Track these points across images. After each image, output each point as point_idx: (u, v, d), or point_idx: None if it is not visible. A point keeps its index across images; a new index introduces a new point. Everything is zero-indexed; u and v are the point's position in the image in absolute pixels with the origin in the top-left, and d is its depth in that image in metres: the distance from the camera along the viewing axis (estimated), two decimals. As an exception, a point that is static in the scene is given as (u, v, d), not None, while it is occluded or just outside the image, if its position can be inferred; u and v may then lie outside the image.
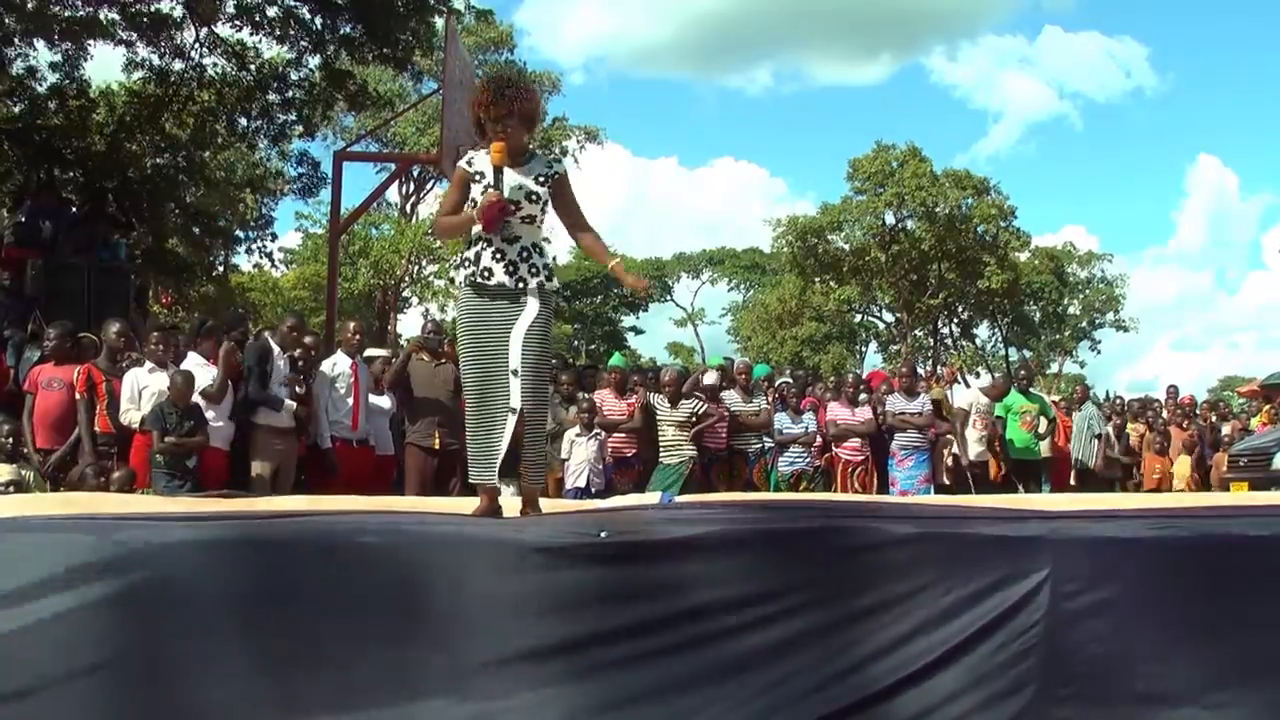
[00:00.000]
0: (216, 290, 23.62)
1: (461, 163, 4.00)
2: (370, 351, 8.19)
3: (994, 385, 10.75)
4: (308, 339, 8.05)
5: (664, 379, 8.83)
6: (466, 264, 3.91)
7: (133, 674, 2.88)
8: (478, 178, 3.90)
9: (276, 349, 7.25)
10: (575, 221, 4.02)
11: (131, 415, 6.78)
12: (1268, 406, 12.97)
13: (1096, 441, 10.98)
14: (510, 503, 4.07)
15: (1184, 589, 3.13)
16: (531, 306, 3.82)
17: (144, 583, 2.94)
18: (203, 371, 6.90)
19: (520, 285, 3.84)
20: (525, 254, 3.87)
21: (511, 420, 3.75)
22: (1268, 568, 3.16)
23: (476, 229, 3.89)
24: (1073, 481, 10.82)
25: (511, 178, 3.86)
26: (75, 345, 7.49)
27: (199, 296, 22.66)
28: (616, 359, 9.97)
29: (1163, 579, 3.13)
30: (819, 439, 9.23)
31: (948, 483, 9.50)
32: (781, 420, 9.08)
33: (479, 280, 3.85)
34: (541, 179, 3.91)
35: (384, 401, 7.91)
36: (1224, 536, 3.26)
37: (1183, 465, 11.35)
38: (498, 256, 3.85)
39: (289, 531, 3.30)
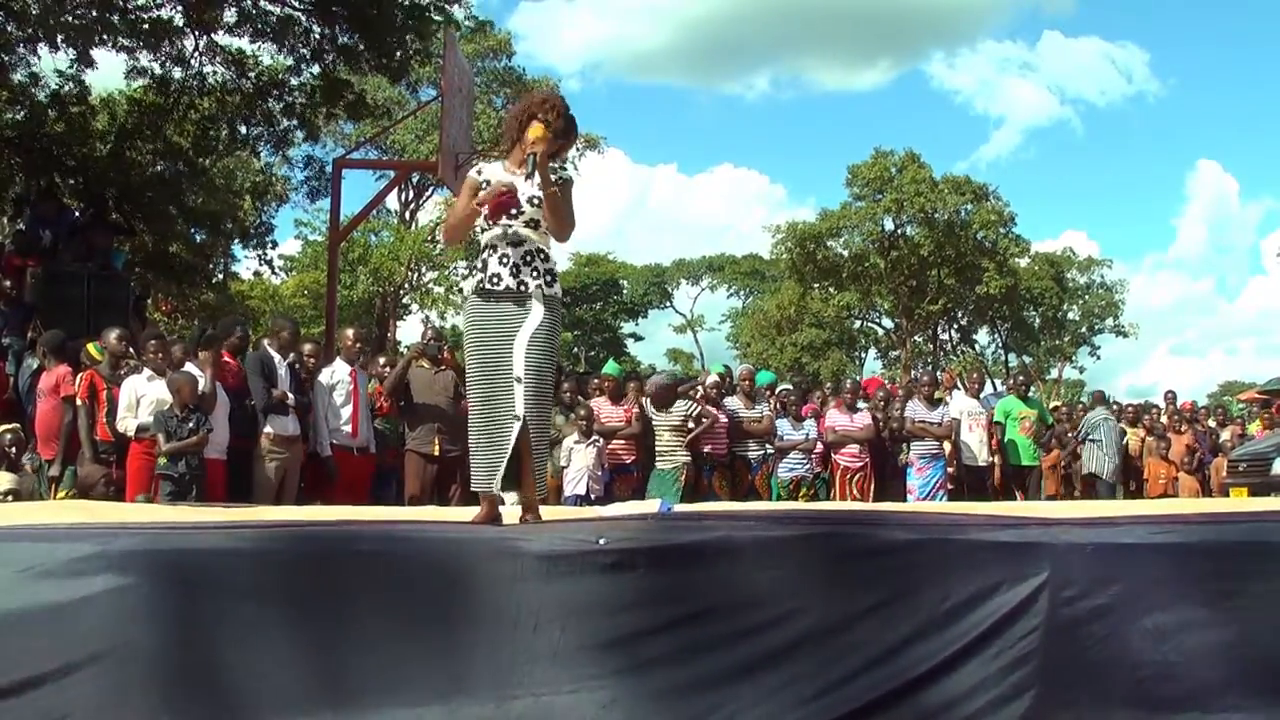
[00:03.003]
0: (216, 298, 23.62)
1: (471, 172, 4.07)
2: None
3: (964, 378, 10.73)
4: (308, 347, 8.06)
5: (647, 389, 8.85)
6: (474, 271, 3.98)
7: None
8: (485, 186, 3.95)
9: (277, 357, 7.26)
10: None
11: (128, 423, 6.77)
12: (1264, 412, 12.97)
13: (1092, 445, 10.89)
14: (511, 512, 4.07)
15: (1183, 594, 3.13)
16: (536, 312, 3.85)
17: (145, 591, 2.95)
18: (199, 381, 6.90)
19: (523, 288, 3.87)
20: (529, 258, 3.91)
21: (516, 428, 3.77)
22: (1265, 572, 3.17)
23: (484, 236, 3.93)
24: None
25: (518, 184, 3.89)
26: (61, 352, 7.53)
27: (199, 304, 22.65)
28: (611, 367, 9.99)
29: (1161, 584, 3.13)
30: (819, 446, 9.22)
31: (950, 488, 9.50)
32: (781, 427, 9.09)
33: (486, 287, 3.89)
34: (558, 182, 3.93)
35: None
36: (1222, 541, 3.27)
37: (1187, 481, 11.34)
38: (503, 260, 3.89)
39: (291, 540, 3.31)
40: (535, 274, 3.88)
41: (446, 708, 2.88)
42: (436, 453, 7.69)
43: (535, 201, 3.90)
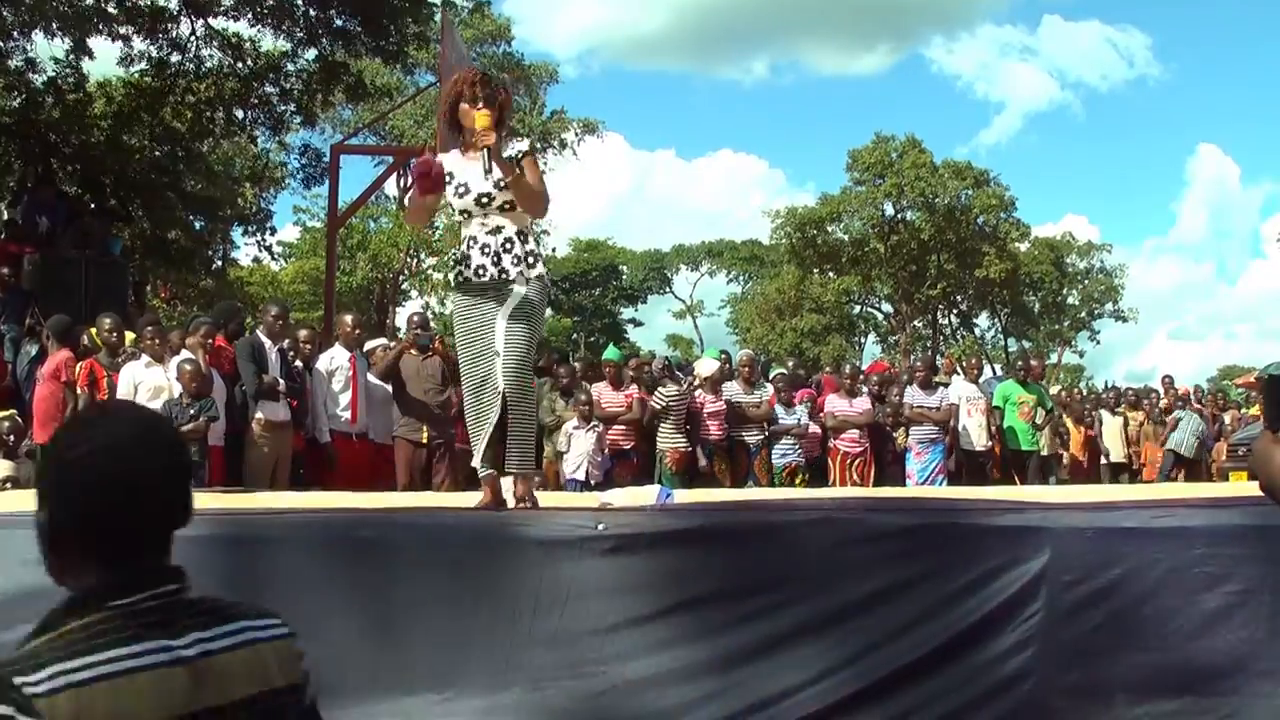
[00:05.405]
0: (215, 284, 23.59)
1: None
2: (369, 344, 8.17)
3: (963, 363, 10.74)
4: (303, 333, 8.03)
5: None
6: (456, 265, 3.96)
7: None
8: (449, 178, 3.91)
9: (267, 342, 7.22)
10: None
11: (126, 410, 6.75)
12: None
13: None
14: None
15: (1183, 578, 3.13)
16: (516, 293, 3.84)
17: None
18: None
19: (504, 276, 3.86)
20: (508, 244, 3.88)
21: (497, 403, 3.78)
22: (1265, 556, 3.16)
23: (464, 230, 3.95)
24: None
25: (483, 167, 3.84)
26: (65, 337, 7.53)
27: (198, 291, 22.63)
28: (612, 352, 9.96)
29: (1162, 568, 3.13)
30: (811, 431, 9.19)
31: (951, 470, 9.50)
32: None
33: (468, 278, 3.89)
34: (512, 163, 3.87)
35: (388, 388, 7.92)
36: (1222, 525, 3.26)
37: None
38: (484, 250, 3.88)
39: (288, 526, 3.30)
40: (515, 260, 3.86)
41: (440, 696, 2.88)
42: (425, 440, 7.69)
43: (502, 184, 3.85)
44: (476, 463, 3.89)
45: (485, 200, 3.87)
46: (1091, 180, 69.08)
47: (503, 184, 3.84)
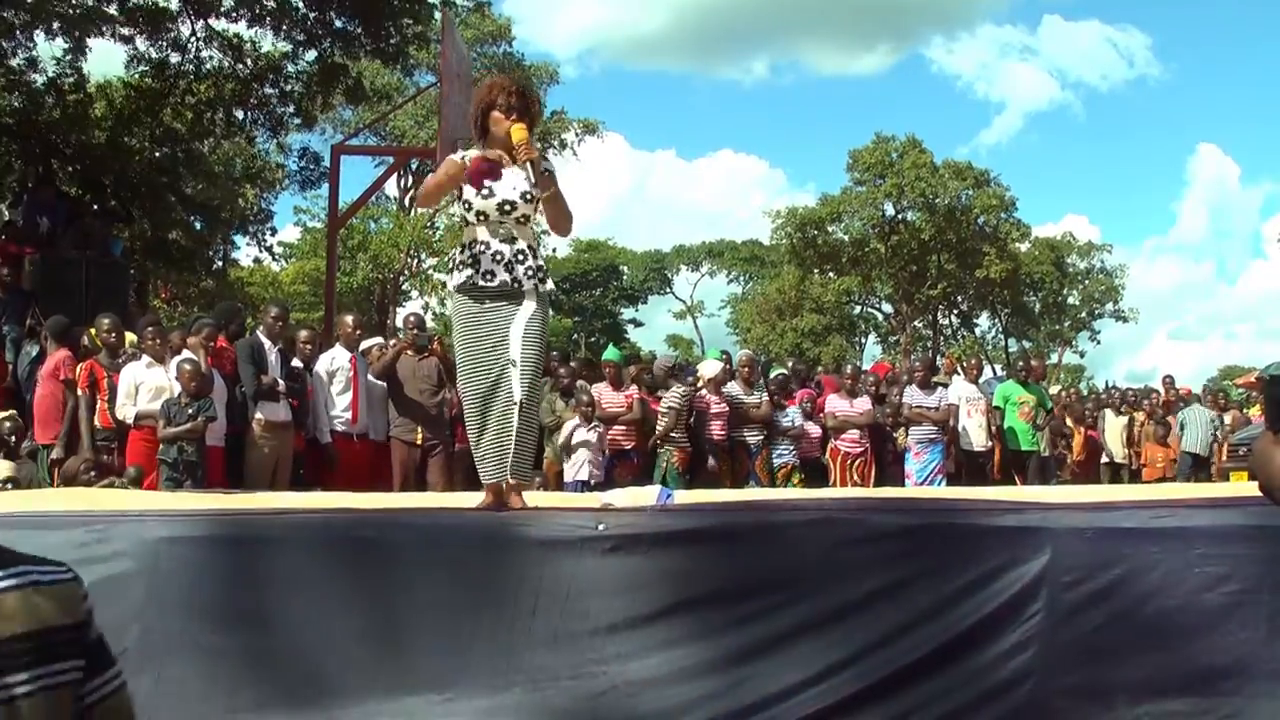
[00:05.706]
0: (216, 285, 23.61)
1: (454, 155, 4.00)
2: (364, 343, 8.17)
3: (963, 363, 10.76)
4: (303, 334, 8.02)
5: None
6: (462, 267, 3.90)
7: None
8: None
9: (267, 342, 7.22)
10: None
11: (127, 410, 6.76)
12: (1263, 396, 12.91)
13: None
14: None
15: (1183, 578, 3.13)
16: (529, 304, 3.84)
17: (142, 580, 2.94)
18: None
19: (517, 286, 3.85)
20: (521, 256, 3.87)
21: (515, 413, 3.76)
22: (1265, 556, 3.16)
23: (474, 232, 3.90)
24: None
25: (510, 178, 3.85)
26: (64, 337, 7.54)
27: (198, 291, 22.64)
28: (612, 352, 9.95)
29: (1161, 568, 3.13)
30: (808, 431, 9.19)
31: (951, 470, 9.50)
32: (768, 414, 9.05)
33: (479, 283, 3.84)
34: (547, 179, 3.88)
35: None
36: (1222, 526, 3.26)
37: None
38: (496, 258, 3.85)
39: (288, 526, 3.31)
40: (529, 272, 3.85)
41: (441, 696, 2.88)
42: (419, 441, 7.69)
43: (528, 197, 3.85)
44: (509, 478, 3.81)
45: (508, 208, 3.85)
46: (1091, 180, 69.13)
47: (529, 196, 3.84)
